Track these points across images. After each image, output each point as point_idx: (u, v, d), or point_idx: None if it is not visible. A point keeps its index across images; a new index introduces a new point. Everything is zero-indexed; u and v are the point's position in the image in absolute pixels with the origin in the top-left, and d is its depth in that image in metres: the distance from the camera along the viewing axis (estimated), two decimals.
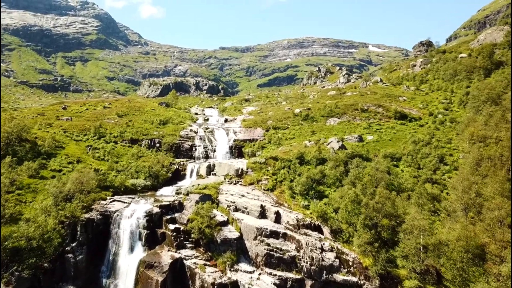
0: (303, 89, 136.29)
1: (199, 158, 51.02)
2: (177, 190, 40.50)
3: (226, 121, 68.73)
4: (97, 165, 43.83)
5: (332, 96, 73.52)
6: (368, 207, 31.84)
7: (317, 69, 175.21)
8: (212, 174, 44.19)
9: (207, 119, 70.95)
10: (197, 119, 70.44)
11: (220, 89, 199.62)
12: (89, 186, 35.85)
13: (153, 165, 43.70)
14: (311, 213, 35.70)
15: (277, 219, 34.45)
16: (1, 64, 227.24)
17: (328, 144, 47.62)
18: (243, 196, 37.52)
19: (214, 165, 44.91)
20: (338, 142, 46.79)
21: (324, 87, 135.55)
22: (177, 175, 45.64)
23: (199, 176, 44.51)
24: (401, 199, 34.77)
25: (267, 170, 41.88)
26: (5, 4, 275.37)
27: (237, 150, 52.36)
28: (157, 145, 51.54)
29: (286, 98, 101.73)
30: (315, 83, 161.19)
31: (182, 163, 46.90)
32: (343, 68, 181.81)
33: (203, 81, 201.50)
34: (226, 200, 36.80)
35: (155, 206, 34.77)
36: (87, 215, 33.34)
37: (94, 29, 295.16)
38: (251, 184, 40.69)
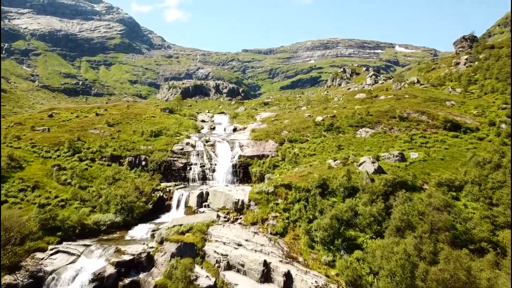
0: (327, 91, 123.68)
1: (194, 180, 39.48)
2: (154, 230, 29.12)
3: (235, 130, 56.95)
4: (59, 192, 33.00)
5: (362, 100, 60.38)
6: (429, 277, 19.69)
7: (342, 70, 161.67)
8: (205, 206, 32.45)
9: (213, 128, 59.30)
10: (202, 128, 59.02)
11: (240, 92, 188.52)
12: (25, 230, 24.87)
13: (128, 194, 32.44)
14: (337, 275, 23.50)
15: (287, 283, 22.53)
16: (28, 68, 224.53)
17: (360, 165, 35.08)
18: (240, 245, 25.61)
19: (207, 194, 33.11)
20: (373, 163, 34.15)
21: (349, 89, 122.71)
22: (161, 206, 34.17)
23: (187, 208, 32.88)
24: (477, 259, 22.25)
25: (276, 204, 29.78)
26: (33, 10, 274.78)
27: (242, 170, 40.48)
28: (143, 163, 40.31)
29: (307, 102, 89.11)
30: (339, 84, 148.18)
31: (168, 189, 35.31)
32: (370, 69, 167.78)
33: (223, 84, 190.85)
34: (215, 252, 25.02)
35: (110, 264, 23.31)
36: (9, 279, 22.28)
37: (118, 33, 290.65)
38: (253, 224, 28.73)
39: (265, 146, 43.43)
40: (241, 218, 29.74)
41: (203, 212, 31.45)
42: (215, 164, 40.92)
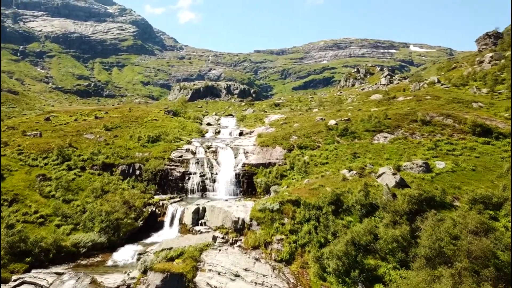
0: (340, 92, 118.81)
1: (192, 192, 35.30)
2: (141, 253, 25.03)
3: (241, 134, 52.61)
4: (40, 206, 29.19)
5: (378, 101, 55.33)
6: None
7: (355, 70, 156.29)
8: (201, 224, 28.21)
9: (218, 132, 55.05)
10: (207, 132, 54.87)
11: (252, 93, 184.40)
12: None
13: (115, 209, 28.42)
14: None
15: None
16: (42, 70, 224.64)
17: (379, 176, 30.40)
18: (238, 276, 21.28)
19: (204, 210, 28.83)
20: (394, 175, 29.42)
21: (363, 89, 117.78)
22: (153, 223, 30.04)
23: (182, 225, 28.67)
24: None
25: (282, 225, 25.35)
26: (48, 13, 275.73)
27: (246, 180, 36.10)
28: (137, 172, 36.28)
29: (320, 103, 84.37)
30: (353, 85, 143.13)
31: (162, 204, 31.15)
32: (384, 68, 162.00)
33: (234, 84, 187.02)
34: (208, 284, 20.68)
35: None
36: None
37: (130, 35, 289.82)
38: (255, 248, 24.36)
39: (272, 153, 39.01)
40: (241, 240, 25.41)
41: (198, 231, 27.20)
42: (217, 174, 36.63)
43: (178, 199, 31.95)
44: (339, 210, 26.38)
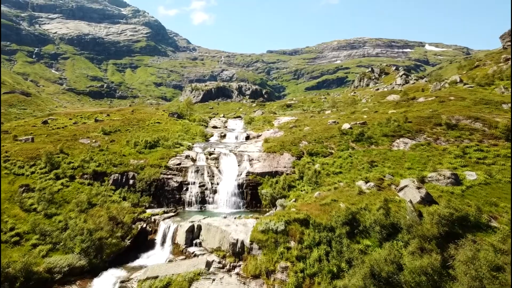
0: (354, 92, 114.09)
1: (190, 204, 31.60)
2: (124, 281, 21.44)
3: (247, 138, 48.68)
4: (18, 222, 25.84)
5: (396, 103, 50.59)
6: None
7: (369, 69, 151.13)
8: (196, 244, 24.46)
9: (224, 136, 51.21)
10: (212, 135, 51.10)
11: (263, 94, 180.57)
12: None
13: (100, 226, 24.93)
14: None
15: None
16: (56, 72, 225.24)
17: (400, 190, 26.17)
18: None
19: (199, 228, 25.06)
20: (418, 188, 25.15)
21: (378, 89, 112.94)
22: (142, 241, 26.41)
23: (175, 245, 24.98)
24: None
25: (288, 249, 21.41)
26: (63, 15, 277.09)
27: (250, 191, 32.22)
28: (131, 182, 32.75)
29: (333, 104, 79.88)
30: (367, 85, 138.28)
31: (153, 219, 27.45)
32: (399, 68, 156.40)
33: (246, 85, 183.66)
34: None
35: None
36: None
37: (144, 36, 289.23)
38: (255, 277, 20.51)
39: (279, 160, 35.03)
40: (239, 266, 21.57)
41: (192, 253, 23.46)
42: (217, 184, 32.80)
43: (172, 213, 28.22)
44: (354, 231, 22.30)
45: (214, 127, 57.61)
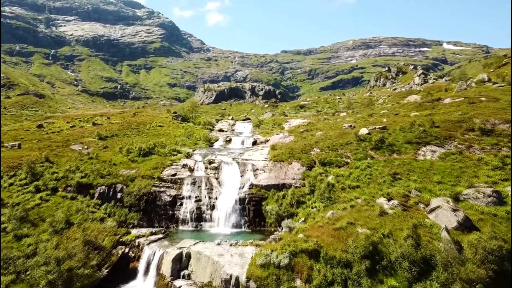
0: (370, 92, 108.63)
1: (184, 222, 27.42)
2: None
3: (254, 143, 44.22)
4: None
5: (419, 104, 45.23)
6: None
7: (386, 69, 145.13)
8: (184, 277, 20.22)
9: (229, 140, 46.75)
10: (216, 140, 46.78)
11: (277, 94, 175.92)
12: None
13: (72, 252, 20.95)
14: None
15: None
16: (72, 73, 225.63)
17: (431, 211, 21.33)
18: None
19: (188, 257, 20.76)
20: (454, 211, 20.26)
21: (395, 89, 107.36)
22: (123, 270, 22.24)
23: (159, 276, 20.86)
24: None
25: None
26: (79, 17, 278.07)
27: (253, 207, 27.83)
28: (119, 195, 28.79)
29: (348, 105, 74.72)
30: (384, 84, 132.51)
31: (137, 243, 23.29)
32: (418, 67, 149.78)
33: (259, 86, 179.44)
34: None
35: None
36: None
37: (158, 37, 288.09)
38: None
39: (287, 171, 30.50)
40: None
41: (179, 287, 19.27)
42: (216, 198, 28.46)
43: (161, 235, 23.97)
44: (376, 267, 17.67)
45: (220, 130, 53.36)
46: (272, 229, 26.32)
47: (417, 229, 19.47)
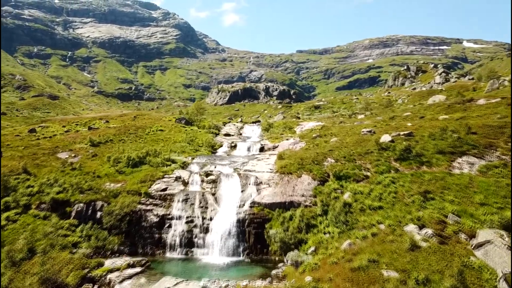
0: (388, 92, 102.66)
1: (173, 248, 22.93)
2: None
3: (262, 149, 39.44)
4: None
5: (448, 105, 39.48)
6: None
7: (405, 67, 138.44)
8: None
9: (234, 146, 42.03)
10: (221, 145, 42.17)
11: (291, 94, 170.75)
12: None
13: None
14: None
15: None
16: (88, 75, 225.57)
17: (478, 246, 16.12)
18: None
19: None
20: (510, 248, 15.29)
21: (415, 88, 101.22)
22: None
23: None
24: None
25: None
26: (95, 19, 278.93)
27: (254, 230, 23.12)
28: (98, 214, 24.56)
29: (366, 106, 69.17)
30: (403, 84, 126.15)
31: (108, 279, 18.88)
32: (438, 65, 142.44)
33: (273, 86, 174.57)
34: None
35: None
36: None
37: (173, 38, 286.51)
38: None
39: (295, 185, 25.65)
40: None
41: None
42: (211, 219, 23.83)
43: (139, 268, 19.47)
44: None
45: (227, 134, 48.76)
46: (277, 258, 21.62)
47: (460, 269, 14.52)
